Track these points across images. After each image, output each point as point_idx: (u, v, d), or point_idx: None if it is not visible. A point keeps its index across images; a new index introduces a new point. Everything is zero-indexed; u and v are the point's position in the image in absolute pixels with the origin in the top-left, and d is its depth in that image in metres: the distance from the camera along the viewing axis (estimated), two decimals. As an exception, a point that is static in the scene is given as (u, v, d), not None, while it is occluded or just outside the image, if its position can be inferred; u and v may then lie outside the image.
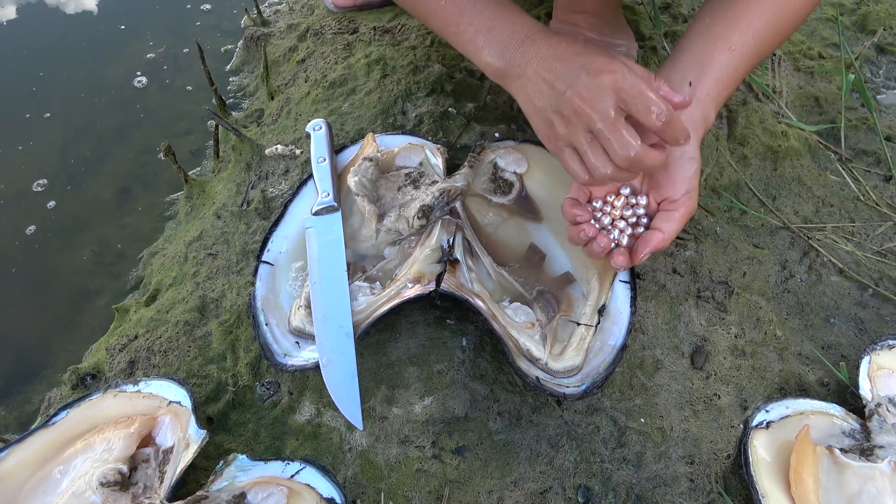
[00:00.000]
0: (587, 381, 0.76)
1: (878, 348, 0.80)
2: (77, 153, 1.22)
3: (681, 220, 0.72)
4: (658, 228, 0.72)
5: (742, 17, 0.72)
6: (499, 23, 0.73)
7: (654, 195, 0.73)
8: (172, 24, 1.44)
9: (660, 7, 1.19)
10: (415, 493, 0.75)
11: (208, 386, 0.83)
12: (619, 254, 0.72)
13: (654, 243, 0.71)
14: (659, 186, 0.73)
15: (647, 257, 0.72)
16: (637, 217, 0.74)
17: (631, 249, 0.73)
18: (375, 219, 0.86)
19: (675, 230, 0.72)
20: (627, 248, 0.73)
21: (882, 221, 0.95)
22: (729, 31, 0.72)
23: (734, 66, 0.72)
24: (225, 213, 1.00)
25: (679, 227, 0.72)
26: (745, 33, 0.72)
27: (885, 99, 1.10)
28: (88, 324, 1.00)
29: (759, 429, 0.75)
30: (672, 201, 0.72)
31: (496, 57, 0.73)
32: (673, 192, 0.72)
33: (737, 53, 0.72)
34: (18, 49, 1.40)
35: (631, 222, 0.74)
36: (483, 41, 0.73)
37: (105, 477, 0.69)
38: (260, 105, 1.20)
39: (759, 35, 0.72)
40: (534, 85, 0.70)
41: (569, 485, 0.75)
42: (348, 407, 0.75)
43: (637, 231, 0.74)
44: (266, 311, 0.82)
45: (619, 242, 0.73)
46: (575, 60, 0.67)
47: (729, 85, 0.73)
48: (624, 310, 0.81)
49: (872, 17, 1.20)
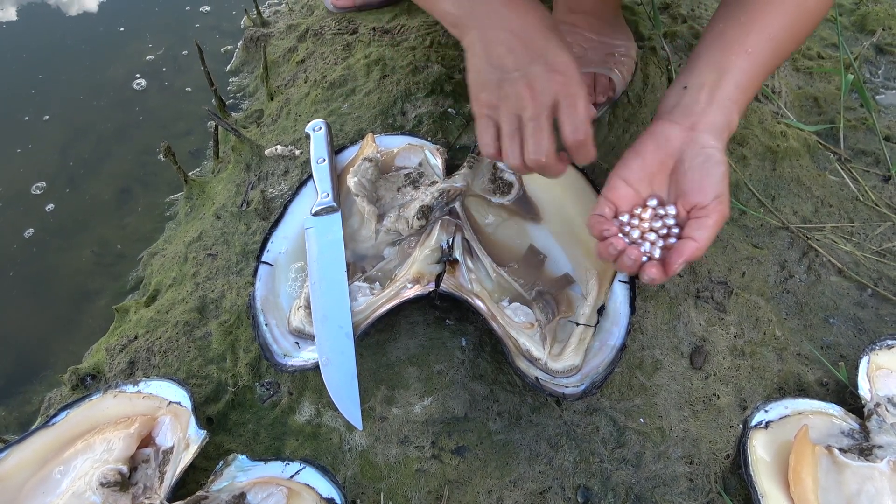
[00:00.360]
0: (586, 381, 0.77)
1: (877, 348, 0.80)
2: (77, 154, 1.22)
3: (714, 227, 0.68)
4: (690, 237, 0.69)
5: (756, 20, 0.71)
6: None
7: (683, 203, 0.70)
8: (172, 26, 1.44)
9: (659, 7, 1.19)
10: (414, 493, 0.75)
11: (208, 386, 0.83)
12: (652, 266, 0.69)
13: (687, 253, 0.68)
14: (686, 194, 0.70)
15: (681, 268, 0.68)
16: (667, 228, 0.71)
17: (664, 261, 0.70)
18: (375, 219, 0.86)
19: (708, 237, 0.68)
20: (660, 261, 0.70)
21: (881, 221, 0.95)
22: (744, 34, 0.71)
23: (753, 69, 0.71)
24: (225, 214, 1.00)
25: (713, 234, 0.68)
26: (760, 35, 0.70)
27: (883, 99, 1.10)
28: (88, 324, 1.00)
29: (758, 429, 0.75)
30: (702, 207, 0.69)
31: (457, 4, 0.70)
32: (702, 198, 0.69)
33: (754, 56, 0.70)
34: (18, 51, 1.40)
35: (661, 234, 0.71)
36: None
37: (105, 477, 0.69)
38: (259, 105, 1.20)
39: (775, 37, 0.71)
40: (490, 46, 0.68)
41: (568, 485, 0.75)
42: (348, 407, 0.75)
43: (668, 242, 0.71)
44: (266, 311, 0.83)
45: (651, 255, 0.70)
46: (537, 44, 0.68)
47: (749, 88, 0.71)
48: (623, 310, 0.81)
49: (871, 17, 1.20)
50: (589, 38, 1.02)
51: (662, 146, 0.71)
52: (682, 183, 0.70)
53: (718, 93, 0.70)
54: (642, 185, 0.72)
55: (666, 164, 0.71)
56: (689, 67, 0.74)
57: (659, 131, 0.71)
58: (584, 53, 1.01)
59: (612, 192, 0.72)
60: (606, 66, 1.01)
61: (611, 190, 0.72)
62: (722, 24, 0.73)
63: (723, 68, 0.71)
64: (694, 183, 0.69)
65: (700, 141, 0.69)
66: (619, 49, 1.03)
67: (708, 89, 0.71)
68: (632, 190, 0.72)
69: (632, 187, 0.72)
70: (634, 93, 1.05)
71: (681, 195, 0.71)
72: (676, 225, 0.71)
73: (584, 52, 1.01)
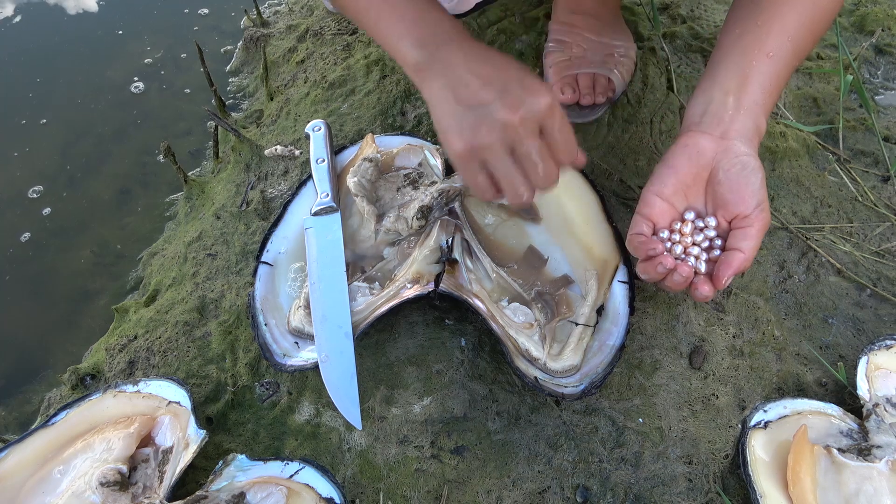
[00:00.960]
0: (585, 380, 0.77)
1: (875, 348, 0.80)
2: (77, 154, 1.22)
3: (758, 236, 0.68)
4: (737, 248, 0.68)
5: (774, 22, 0.70)
6: (427, 15, 0.69)
7: (723, 214, 0.70)
8: (171, 27, 1.44)
9: (658, 8, 1.20)
10: (413, 493, 0.75)
11: (207, 386, 0.83)
12: (703, 283, 0.68)
13: (736, 265, 0.67)
14: (727, 204, 0.69)
15: (730, 280, 0.68)
16: (710, 240, 0.70)
17: (712, 275, 0.69)
18: (374, 219, 0.86)
19: (754, 247, 0.68)
20: (707, 275, 0.69)
21: (880, 222, 0.95)
22: (763, 37, 0.70)
23: (776, 71, 0.70)
24: (224, 214, 1.00)
25: (758, 242, 0.68)
26: (780, 37, 0.70)
27: (883, 100, 1.10)
28: (88, 324, 1.00)
29: (757, 429, 0.75)
30: (744, 217, 0.68)
31: (418, 48, 0.68)
32: (743, 207, 0.68)
33: (776, 58, 0.69)
34: (17, 54, 1.40)
35: (704, 247, 0.70)
36: (405, 29, 0.69)
37: (105, 477, 0.70)
38: (259, 106, 1.20)
39: (794, 37, 0.70)
40: (459, 89, 0.65)
41: (567, 484, 0.75)
42: (347, 407, 0.75)
43: (713, 255, 0.70)
44: (265, 311, 0.83)
45: (697, 270, 0.70)
46: (508, 70, 0.65)
47: (773, 91, 0.71)
48: (622, 310, 0.81)
49: (871, 17, 1.20)
50: (588, 38, 1.02)
51: (695, 158, 0.69)
52: (721, 194, 0.69)
53: (745, 98, 0.69)
54: (677, 198, 0.71)
55: (701, 176, 0.70)
56: (709, 74, 0.72)
57: (691, 143, 0.70)
58: (583, 54, 1.01)
59: (647, 208, 0.71)
60: (606, 67, 1.01)
61: (646, 206, 0.71)
62: (739, 29, 0.72)
63: (746, 73, 0.69)
64: (733, 193, 0.68)
65: (734, 149, 0.68)
66: (618, 49, 1.03)
67: (734, 96, 0.69)
68: (667, 205, 0.70)
69: (667, 202, 0.70)
70: (634, 93, 1.05)
71: (720, 206, 0.70)
72: (718, 237, 0.70)
73: (584, 52, 1.01)
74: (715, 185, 0.69)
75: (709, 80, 0.72)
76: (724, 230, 0.70)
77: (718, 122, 0.69)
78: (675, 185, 0.70)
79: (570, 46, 1.02)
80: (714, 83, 0.71)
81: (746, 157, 0.68)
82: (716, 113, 0.70)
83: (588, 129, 1.03)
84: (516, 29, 1.13)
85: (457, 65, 0.66)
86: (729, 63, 0.71)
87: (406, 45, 0.68)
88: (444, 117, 0.66)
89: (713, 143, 0.69)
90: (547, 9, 1.15)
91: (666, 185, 0.70)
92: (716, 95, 0.70)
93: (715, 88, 0.71)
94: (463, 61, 0.66)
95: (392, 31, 0.69)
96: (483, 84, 0.64)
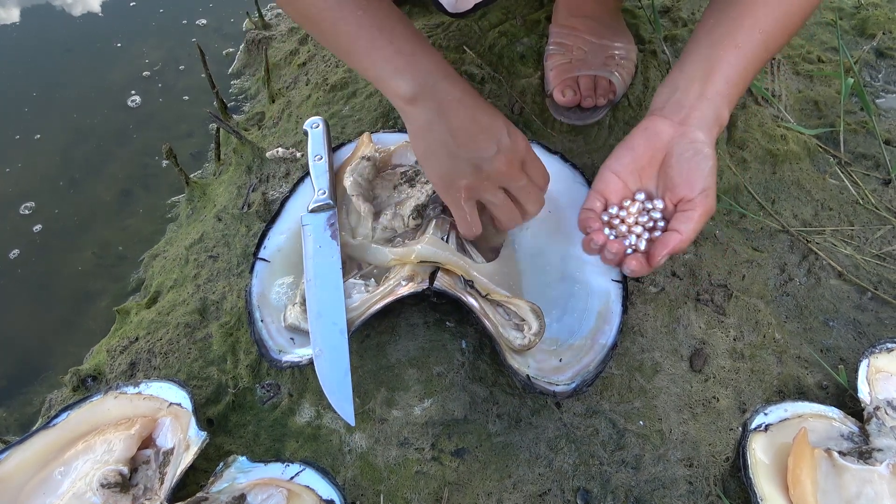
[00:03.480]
0: (577, 379, 0.77)
1: (876, 351, 0.80)
2: (79, 156, 1.22)
3: (699, 220, 0.69)
4: (676, 229, 0.70)
5: (747, 15, 0.71)
6: (422, 52, 0.70)
7: (670, 196, 0.72)
8: (173, 30, 1.44)
9: (659, 11, 1.20)
10: (414, 495, 0.75)
11: (209, 388, 0.83)
12: (633, 259, 0.71)
13: (671, 244, 0.69)
14: (674, 187, 0.71)
15: (664, 259, 0.70)
16: (654, 221, 0.72)
17: (648, 253, 0.71)
18: (371, 217, 0.87)
19: (693, 230, 0.69)
20: (645, 253, 0.72)
21: (881, 225, 0.95)
22: (734, 29, 0.71)
23: (743, 63, 0.71)
24: (226, 216, 1.00)
25: (698, 226, 0.70)
26: (751, 30, 0.71)
27: (884, 103, 1.10)
28: (89, 326, 1.00)
29: (757, 431, 0.75)
30: (688, 201, 0.70)
31: (413, 83, 0.69)
32: (689, 191, 0.70)
33: (744, 50, 0.70)
34: (21, 54, 1.40)
35: (648, 227, 0.72)
36: (404, 63, 0.69)
37: (106, 478, 0.70)
38: (261, 108, 1.20)
39: (765, 31, 0.71)
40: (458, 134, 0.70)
41: (568, 487, 0.75)
42: (340, 403, 0.75)
43: (654, 235, 0.72)
44: (262, 307, 0.83)
45: (637, 248, 0.72)
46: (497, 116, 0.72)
47: (739, 83, 0.72)
48: (616, 309, 0.81)
49: (872, 21, 1.20)
50: (589, 41, 1.02)
51: (653, 140, 0.72)
52: (671, 176, 0.71)
53: (708, 88, 0.71)
54: (632, 178, 0.73)
55: (656, 159, 0.72)
56: (680, 63, 0.74)
57: (651, 126, 0.72)
58: (584, 56, 1.01)
59: (602, 184, 0.73)
60: (607, 69, 1.01)
61: (601, 182, 0.73)
62: (713, 20, 0.73)
63: (712, 63, 0.71)
64: (682, 176, 0.70)
65: (690, 135, 0.70)
66: (619, 52, 1.03)
67: (698, 84, 0.71)
68: (622, 183, 0.73)
69: (622, 180, 0.73)
70: (635, 95, 1.05)
71: (669, 188, 0.72)
72: (663, 218, 0.72)
73: (585, 54, 1.01)
74: (667, 167, 0.71)
75: (677, 69, 0.74)
76: (669, 212, 0.72)
77: (680, 108, 0.71)
78: (630, 164, 0.73)
79: (571, 49, 1.02)
80: (682, 72, 0.73)
81: (700, 144, 0.70)
82: (679, 100, 0.72)
83: (589, 131, 1.03)
84: (517, 31, 1.14)
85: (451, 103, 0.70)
86: (698, 53, 0.73)
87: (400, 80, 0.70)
88: (442, 157, 0.72)
89: (671, 128, 0.71)
90: (548, 11, 1.15)
91: (622, 164, 0.73)
92: (681, 83, 0.72)
93: (682, 77, 0.73)
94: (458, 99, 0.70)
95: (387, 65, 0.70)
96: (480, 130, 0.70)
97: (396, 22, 0.70)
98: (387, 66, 0.70)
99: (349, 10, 0.69)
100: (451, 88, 0.70)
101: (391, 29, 0.70)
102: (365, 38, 0.69)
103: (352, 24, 0.69)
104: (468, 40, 1.14)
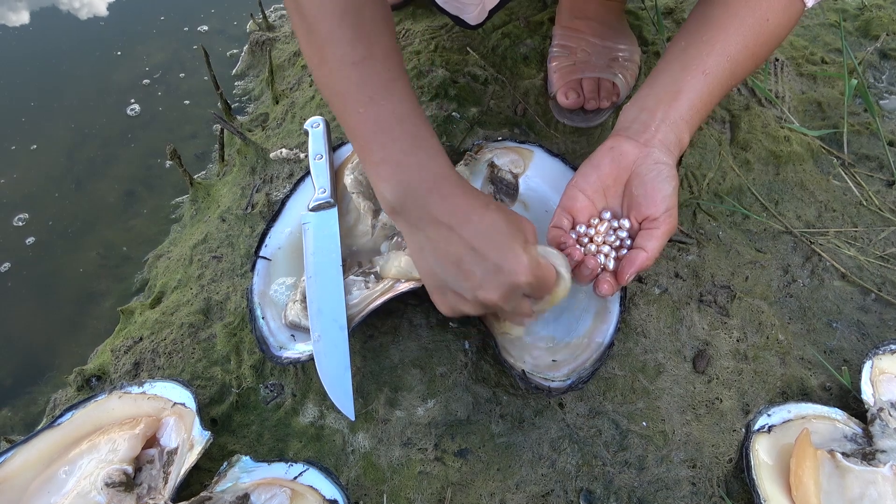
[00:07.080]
0: (573, 376, 0.77)
1: (880, 353, 0.80)
2: (83, 157, 1.23)
3: (663, 238, 0.72)
4: (641, 248, 0.72)
5: (717, 41, 0.72)
6: (411, 160, 0.67)
7: (635, 215, 0.73)
8: (177, 32, 1.45)
9: (663, 12, 1.20)
10: (417, 495, 0.75)
11: (212, 388, 0.83)
12: (604, 281, 0.72)
13: (638, 263, 0.71)
14: (639, 206, 0.72)
15: (632, 277, 0.72)
16: (620, 240, 0.74)
17: (616, 272, 0.73)
18: (371, 215, 0.87)
19: (658, 247, 0.71)
20: (612, 273, 0.73)
21: (885, 226, 0.95)
22: (704, 54, 0.72)
23: (708, 89, 0.72)
24: (230, 217, 1.00)
25: (661, 244, 0.72)
26: (720, 56, 0.72)
27: (887, 104, 1.10)
28: (94, 326, 1.01)
29: (760, 433, 0.75)
30: (653, 220, 0.72)
31: (396, 195, 0.67)
32: (653, 210, 0.71)
33: (710, 77, 0.72)
34: (27, 51, 1.41)
35: (615, 246, 0.74)
36: (388, 173, 0.67)
37: (110, 477, 0.70)
38: (265, 109, 1.21)
39: (733, 58, 0.72)
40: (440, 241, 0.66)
41: (570, 488, 0.75)
42: (340, 398, 0.76)
43: (621, 254, 0.74)
44: (263, 305, 0.84)
45: (606, 267, 0.73)
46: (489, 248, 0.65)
47: (702, 109, 0.73)
48: (614, 308, 0.82)
49: (875, 22, 1.20)
50: (593, 42, 1.02)
51: (618, 160, 0.72)
52: (636, 196, 0.73)
53: (672, 112, 0.72)
54: (597, 196, 0.74)
55: (621, 178, 0.73)
56: (649, 82, 0.75)
57: (616, 146, 0.73)
58: (587, 58, 1.02)
59: (569, 202, 0.74)
60: (610, 71, 1.01)
61: (568, 199, 0.74)
62: (685, 42, 0.74)
63: (679, 87, 0.72)
64: (646, 197, 0.72)
65: (653, 157, 0.71)
66: (622, 54, 1.03)
67: (664, 108, 0.72)
68: (588, 201, 0.74)
69: (588, 199, 0.74)
70: (638, 97, 1.05)
71: (633, 207, 0.73)
72: (629, 237, 0.74)
73: (588, 56, 1.02)
74: (632, 187, 0.73)
75: (647, 88, 0.75)
76: (634, 231, 0.74)
77: (645, 129, 0.72)
78: (596, 183, 0.73)
79: (575, 51, 1.02)
80: (650, 92, 0.74)
81: (664, 166, 0.71)
82: (644, 121, 0.73)
83: (592, 133, 1.03)
84: (521, 33, 1.14)
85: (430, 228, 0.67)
86: (667, 75, 0.74)
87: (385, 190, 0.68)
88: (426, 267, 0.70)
89: (636, 148, 0.72)
90: (551, 13, 1.15)
91: (589, 182, 0.74)
92: (648, 104, 0.73)
93: (650, 97, 0.74)
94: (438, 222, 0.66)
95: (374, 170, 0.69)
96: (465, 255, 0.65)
97: (396, 122, 0.68)
98: (373, 170, 0.69)
99: (353, 106, 0.68)
100: (435, 206, 0.66)
101: (389, 131, 0.67)
102: (360, 138, 0.69)
103: (352, 119, 0.68)
104: (472, 42, 1.15)
